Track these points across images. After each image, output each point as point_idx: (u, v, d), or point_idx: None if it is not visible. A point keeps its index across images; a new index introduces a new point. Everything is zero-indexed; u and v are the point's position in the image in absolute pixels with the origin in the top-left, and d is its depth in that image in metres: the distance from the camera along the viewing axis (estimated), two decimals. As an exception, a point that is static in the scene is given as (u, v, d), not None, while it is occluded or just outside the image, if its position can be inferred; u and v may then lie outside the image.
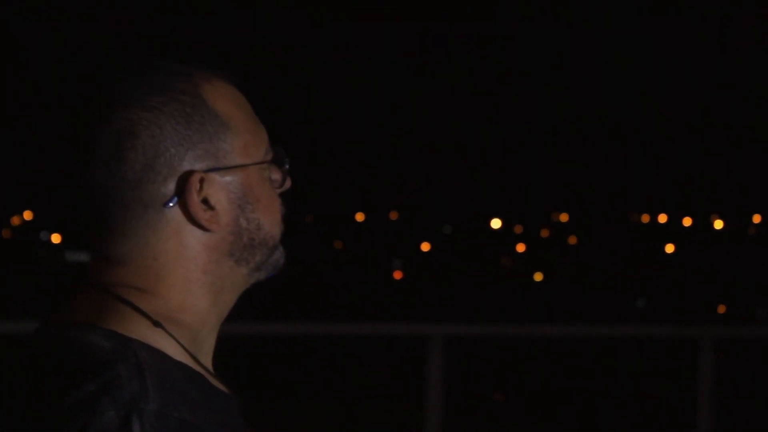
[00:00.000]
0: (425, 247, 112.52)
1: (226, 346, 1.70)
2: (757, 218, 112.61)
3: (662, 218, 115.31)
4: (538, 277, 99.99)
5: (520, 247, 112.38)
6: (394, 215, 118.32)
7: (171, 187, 1.51)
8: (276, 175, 1.62)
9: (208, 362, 1.58)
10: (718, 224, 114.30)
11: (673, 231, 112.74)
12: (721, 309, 60.08)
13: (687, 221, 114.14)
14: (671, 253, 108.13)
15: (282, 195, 1.63)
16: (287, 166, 1.63)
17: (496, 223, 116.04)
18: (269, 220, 1.59)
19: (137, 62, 1.55)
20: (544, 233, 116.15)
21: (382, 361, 17.72)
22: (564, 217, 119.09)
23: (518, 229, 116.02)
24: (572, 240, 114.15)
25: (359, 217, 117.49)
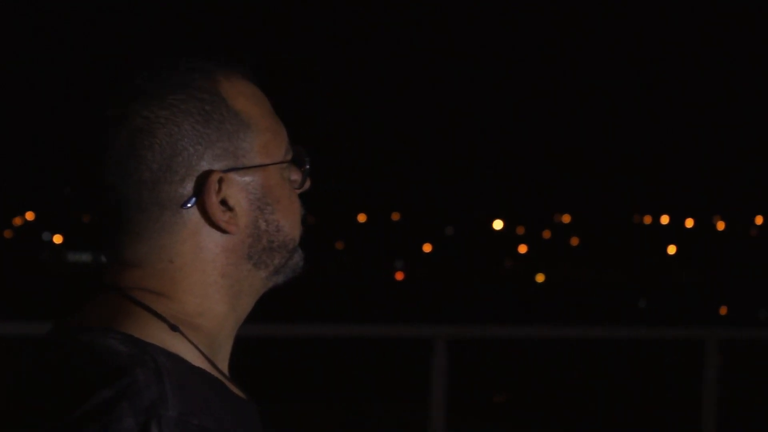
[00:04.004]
0: (427, 248, 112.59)
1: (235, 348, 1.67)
2: (759, 220, 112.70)
3: (664, 219, 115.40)
4: (539, 278, 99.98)
5: (522, 248, 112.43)
6: (396, 216, 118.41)
7: (189, 187, 1.47)
8: (296, 176, 1.58)
9: (224, 367, 1.55)
10: (721, 225, 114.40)
11: (675, 232, 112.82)
12: (723, 310, 60.06)
13: (689, 222, 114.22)
14: (673, 255, 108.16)
15: (300, 196, 1.60)
16: (307, 167, 1.59)
17: (498, 224, 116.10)
18: (289, 222, 1.55)
19: (156, 59, 1.52)
20: (546, 234, 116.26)
21: (384, 363, 17.71)
22: (566, 218, 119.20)
23: (520, 230, 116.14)
24: (574, 241, 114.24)
25: (361, 218, 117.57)
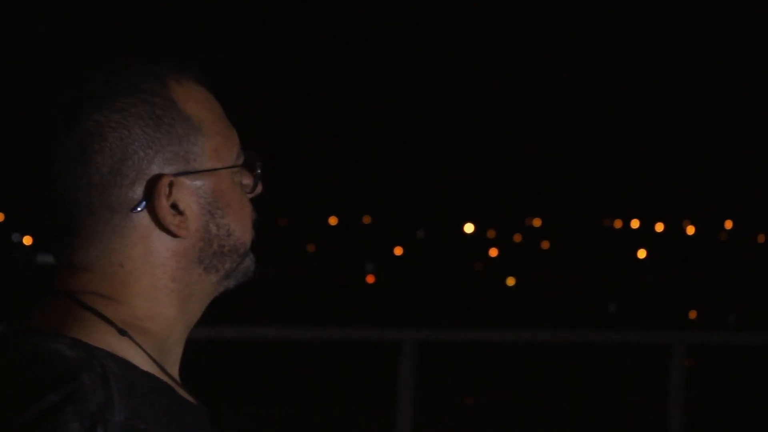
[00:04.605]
0: (398, 251, 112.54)
1: (196, 350, 1.66)
2: (728, 224, 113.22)
3: (635, 223, 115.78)
4: (510, 281, 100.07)
5: (493, 252, 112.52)
6: (367, 219, 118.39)
7: (139, 191, 1.47)
8: (247, 180, 1.57)
9: (175, 372, 1.54)
10: (690, 230, 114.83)
11: (645, 236, 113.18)
12: (693, 314, 60.27)
13: (659, 227, 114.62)
14: (643, 258, 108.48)
15: (253, 200, 1.59)
16: (259, 171, 1.58)
17: (469, 228, 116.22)
18: (240, 227, 1.55)
19: (108, 62, 1.51)
20: (517, 238, 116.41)
21: (354, 366, 17.71)
22: (537, 222, 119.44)
23: (491, 233, 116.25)
24: (545, 245, 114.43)
25: (332, 220, 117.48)
